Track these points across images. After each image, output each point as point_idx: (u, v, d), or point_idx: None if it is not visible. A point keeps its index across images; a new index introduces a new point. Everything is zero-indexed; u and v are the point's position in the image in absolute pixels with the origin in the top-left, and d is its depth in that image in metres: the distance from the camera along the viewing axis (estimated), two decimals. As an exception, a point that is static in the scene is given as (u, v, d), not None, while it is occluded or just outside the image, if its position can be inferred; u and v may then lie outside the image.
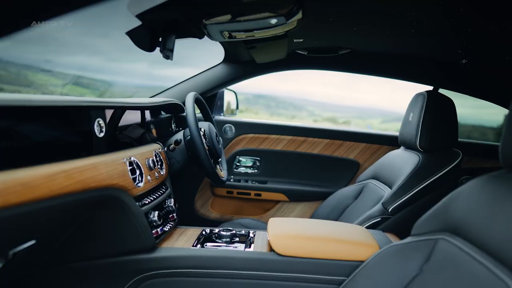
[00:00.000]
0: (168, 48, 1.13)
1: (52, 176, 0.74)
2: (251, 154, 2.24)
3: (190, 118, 1.45)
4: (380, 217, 1.43)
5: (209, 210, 2.25)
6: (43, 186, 0.71)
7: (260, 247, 1.19)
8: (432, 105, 1.54)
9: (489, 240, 0.74)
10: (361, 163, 2.16)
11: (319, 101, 14.70)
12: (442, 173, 1.43)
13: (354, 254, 1.10)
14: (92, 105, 0.96)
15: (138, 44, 1.22)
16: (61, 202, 0.77)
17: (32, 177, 0.69)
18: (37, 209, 0.71)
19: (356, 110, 13.82)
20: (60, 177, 0.76)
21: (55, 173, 0.75)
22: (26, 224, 0.75)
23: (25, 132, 0.78)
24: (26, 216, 0.70)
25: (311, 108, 13.72)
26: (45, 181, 0.72)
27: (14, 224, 0.70)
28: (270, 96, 10.25)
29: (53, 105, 0.80)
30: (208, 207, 2.25)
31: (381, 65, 1.96)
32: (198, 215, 2.24)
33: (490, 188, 0.83)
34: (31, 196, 0.68)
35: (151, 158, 1.27)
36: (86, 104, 0.93)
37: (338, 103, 14.14)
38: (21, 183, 0.67)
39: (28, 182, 0.68)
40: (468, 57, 1.70)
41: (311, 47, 1.80)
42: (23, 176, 0.68)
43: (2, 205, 0.62)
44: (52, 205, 0.75)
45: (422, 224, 0.98)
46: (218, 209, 2.26)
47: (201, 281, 1.12)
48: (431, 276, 0.86)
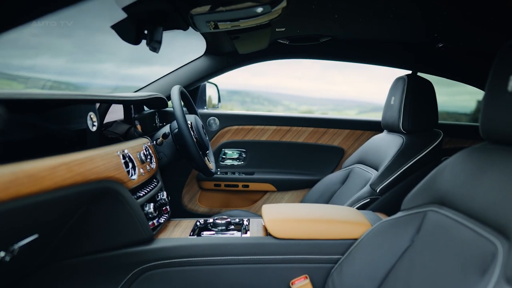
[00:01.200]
0: (155, 39, 1.15)
1: (55, 169, 0.76)
2: (237, 146, 2.28)
3: (177, 111, 1.47)
4: (369, 198, 1.51)
5: (197, 204, 2.28)
6: (47, 178, 0.73)
7: (256, 232, 1.24)
8: (413, 88, 1.62)
9: (475, 206, 0.81)
10: (345, 149, 2.24)
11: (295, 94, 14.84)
12: (425, 152, 1.52)
13: (348, 233, 1.16)
14: (82, 99, 0.98)
15: (123, 38, 1.23)
16: (64, 194, 0.79)
17: (37, 169, 0.71)
18: (42, 200, 0.73)
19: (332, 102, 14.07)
20: (62, 170, 0.79)
21: (57, 166, 0.78)
22: (31, 216, 0.77)
23: (22, 126, 0.80)
24: (32, 208, 0.72)
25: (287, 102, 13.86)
26: (48, 173, 0.74)
27: (20, 216, 0.72)
28: (245, 91, 10.27)
29: (44, 99, 0.82)
30: (196, 202, 2.28)
31: (361, 52, 2.04)
32: (186, 210, 2.26)
33: (473, 159, 0.90)
34: (37, 188, 0.70)
35: (142, 151, 1.29)
36: (75, 98, 0.95)
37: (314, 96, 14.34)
38: (28, 175, 0.69)
39: (34, 174, 0.70)
40: (443, 41, 1.80)
41: (293, 36, 1.85)
42: (29, 168, 0.70)
43: (13, 195, 0.64)
44: (55, 197, 0.77)
45: (411, 199, 1.05)
46: (206, 203, 2.29)
47: (200, 269, 1.16)
48: (422, 245, 0.93)
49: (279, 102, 13.02)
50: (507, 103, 0.79)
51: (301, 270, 1.16)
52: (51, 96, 0.81)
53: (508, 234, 0.68)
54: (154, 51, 1.29)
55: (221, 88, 2.52)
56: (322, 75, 20.04)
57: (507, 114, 0.79)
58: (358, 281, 1.04)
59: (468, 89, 3.94)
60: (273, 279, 1.16)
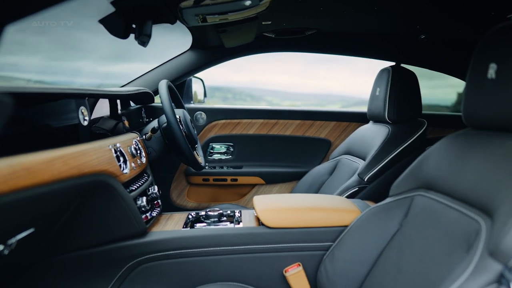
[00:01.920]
0: (144, 33, 1.16)
1: (51, 162, 0.78)
2: (224, 140, 2.30)
3: (166, 105, 1.48)
4: (357, 186, 1.56)
5: (186, 199, 2.30)
6: (44, 171, 0.75)
7: (248, 223, 1.27)
8: (397, 79, 1.68)
9: (459, 189, 0.86)
10: (332, 141, 2.29)
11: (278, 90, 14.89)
12: (411, 140, 1.58)
13: (338, 220, 1.21)
14: (73, 93, 0.99)
15: (111, 32, 1.24)
16: (60, 187, 0.81)
17: (34, 162, 0.73)
18: (39, 193, 0.74)
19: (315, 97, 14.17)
20: (58, 163, 0.80)
21: (53, 159, 0.79)
22: (29, 209, 0.78)
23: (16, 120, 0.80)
24: (30, 200, 0.73)
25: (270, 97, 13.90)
26: (45, 166, 0.76)
27: (18, 209, 0.73)
28: (226, 88, 10.20)
29: (35, 92, 0.82)
30: (185, 197, 2.30)
31: (346, 44, 2.08)
32: (174, 205, 2.28)
33: (457, 145, 0.95)
34: (35, 181, 0.72)
35: (132, 146, 1.30)
36: (67, 92, 0.96)
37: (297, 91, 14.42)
38: (25, 168, 0.70)
39: (31, 167, 0.71)
40: (425, 33, 1.86)
41: (279, 29, 1.88)
42: (26, 161, 0.71)
43: (12, 188, 0.65)
44: (52, 190, 0.78)
45: (399, 185, 1.09)
46: (194, 198, 2.31)
47: (195, 261, 1.19)
48: (410, 228, 0.98)
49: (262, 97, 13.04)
50: (487, 90, 0.84)
51: (294, 258, 1.20)
52: (48, 90, 0.82)
53: (490, 212, 0.72)
54: (143, 45, 1.30)
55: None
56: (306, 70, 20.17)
57: (488, 100, 0.84)
58: (350, 266, 1.08)
59: (449, 82, 4.05)
60: (267, 267, 1.20)
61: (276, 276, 1.20)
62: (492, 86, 0.82)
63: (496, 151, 0.80)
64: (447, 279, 0.69)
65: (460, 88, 4.34)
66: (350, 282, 1.06)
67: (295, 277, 1.18)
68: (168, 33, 1.89)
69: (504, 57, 0.80)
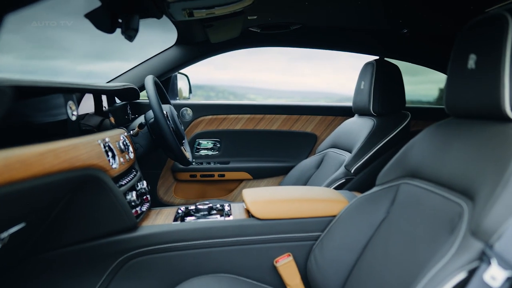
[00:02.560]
0: (131, 27, 1.17)
1: (43, 155, 0.79)
2: (211, 136, 2.32)
3: (153, 100, 1.49)
4: (344, 178, 1.60)
5: (173, 196, 2.30)
6: (37, 164, 0.76)
7: (238, 215, 1.29)
8: (381, 72, 1.73)
9: (443, 175, 0.90)
10: (318, 135, 2.33)
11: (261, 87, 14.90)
12: (395, 132, 1.64)
13: (327, 210, 1.24)
14: (62, 87, 1.00)
15: (97, 27, 1.24)
16: (52, 180, 0.81)
17: (27, 155, 0.73)
18: (33, 186, 0.75)
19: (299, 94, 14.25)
20: (50, 156, 0.81)
21: (45, 152, 0.80)
22: (21, 203, 0.78)
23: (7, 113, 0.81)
24: (23, 193, 0.74)
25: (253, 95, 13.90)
26: (37, 159, 0.76)
27: (11, 203, 0.74)
28: (209, 86, 10.13)
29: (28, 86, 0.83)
30: (172, 194, 2.30)
31: (331, 39, 2.13)
32: (161, 202, 2.28)
33: (440, 133, 1.00)
34: (29, 173, 0.72)
35: (120, 141, 1.31)
36: (54, 86, 0.96)
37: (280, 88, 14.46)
38: (19, 160, 0.71)
39: (24, 159, 0.72)
40: (407, 27, 1.92)
41: (264, 24, 1.91)
42: (20, 154, 0.72)
43: (7, 180, 0.66)
44: (45, 183, 0.79)
45: (385, 174, 1.14)
46: (181, 195, 2.32)
47: (186, 254, 1.21)
48: (397, 215, 1.02)
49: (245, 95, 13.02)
50: (468, 79, 0.88)
51: (284, 249, 1.23)
52: (38, 84, 0.83)
53: (472, 196, 0.77)
54: (130, 40, 1.30)
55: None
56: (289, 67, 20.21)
57: (468, 90, 0.88)
58: (339, 254, 1.12)
59: (431, 77, 4.15)
60: (258, 258, 1.23)
61: (267, 266, 1.23)
62: (472, 76, 0.87)
63: (476, 138, 0.85)
64: (433, 259, 0.73)
65: (441, 83, 4.46)
66: (340, 269, 1.10)
67: (286, 267, 1.21)
68: (148, 30, 1.89)
69: (483, 48, 0.84)
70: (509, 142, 0.75)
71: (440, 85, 4.49)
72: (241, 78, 14.36)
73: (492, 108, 0.81)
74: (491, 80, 0.80)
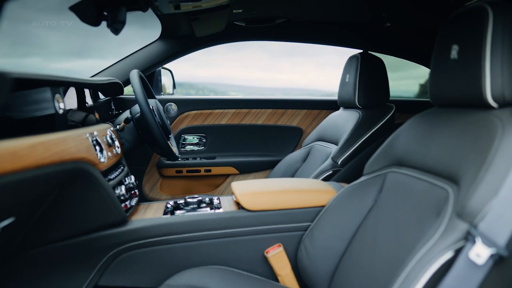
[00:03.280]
0: (118, 20, 1.17)
1: (33, 147, 0.79)
2: (196, 131, 2.32)
3: (139, 94, 1.49)
4: (332, 170, 1.64)
5: (159, 192, 2.30)
6: (27, 156, 0.76)
7: (228, 208, 1.31)
8: (366, 65, 1.77)
9: (428, 162, 0.94)
10: (304, 129, 2.37)
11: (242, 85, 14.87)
12: (381, 124, 1.68)
13: (316, 201, 1.27)
14: (50, 80, 0.99)
15: (82, 20, 1.23)
16: (43, 172, 0.82)
17: (18, 147, 0.74)
18: (23, 178, 0.75)
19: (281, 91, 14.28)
20: (40, 148, 0.81)
21: (35, 144, 0.80)
22: (12, 196, 0.78)
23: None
24: (14, 186, 0.74)
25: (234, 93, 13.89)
26: (28, 152, 0.77)
27: (2, 195, 0.74)
28: (188, 83, 10.04)
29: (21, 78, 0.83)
30: (157, 190, 2.30)
31: (315, 33, 2.16)
32: (147, 199, 2.28)
33: (425, 122, 1.04)
34: (20, 165, 0.73)
35: (107, 135, 1.31)
36: (42, 78, 0.96)
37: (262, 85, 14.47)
38: (10, 152, 0.71)
39: (15, 151, 0.72)
40: (390, 20, 1.96)
41: (249, 18, 1.93)
42: (10, 146, 0.72)
43: None
44: (35, 176, 0.79)
45: (372, 163, 1.17)
46: (167, 191, 2.32)
47: (176, 247, 1.22)
48: (385, 203, 1.06)
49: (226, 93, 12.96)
50: (451, 69, 0.92)
51: (274, 239, 1.26)
52: (28, 76, 0.83)
53: (456, 180, 0.81)
54: (115, 34, 1.30)
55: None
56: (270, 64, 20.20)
57: (451, 79, 0.92)
58: (329, 243, 1.15)
59: (411, 73, 4.21)
60: (248, 250, 1.25)
61: (258, 257, 1.25)
62: (455, 66, 0.91)
63: (460, 126, 0.89)
64: (420, 241, 0.77)
65: (422, 79, 4.58)
66: (330, 258, 1.13)
67: (276, 257, 1.24)
68: (126, 27, 1.88)
69: (465, 38, 0.88)
70: (490, 128, 0.79)
71: (421, 81, 4.61)
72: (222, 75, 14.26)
73: (474, 96, 0.85)
74: (473, 70, 0.85)
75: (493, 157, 0.73)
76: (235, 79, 15.19)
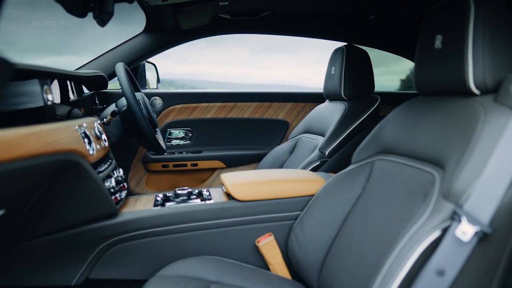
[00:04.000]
0: (106, 11, 1.17)
1: (27, 137, 0.79)
2: (182, 125, 2.33)
3: (126, 87, 1.50)
4: (319, 161, 1.68)
5: (145, 188, 2.31)
6: (22, 145, 0.77)
7: (218, 199, 1.34)
8: (351, 57, 1.81)
9: (415, 149, 0.98)
10: (290, 122, 2.41)
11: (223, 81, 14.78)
12: (366, 115, 1.73)
13: (305, 190, 1.31)
14: (40, 71, 1.00)
15: (68, 11, 1.23)
16: (37, 162, 0.83)
17: (12, 137, 0.74)
18: (18, 167, 0.76)
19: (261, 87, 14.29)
20: (33, 138, 0.82)
21: (29, 134, 0.81)
22: (4, 186, 0.79)
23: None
24: (8, 175, 0.75)
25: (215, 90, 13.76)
26: (22, 141, 0.77)
27: None
28: (168, 80, 9.92)
29: None
30: (143, 185, 2.30)
31: (300, 25, 2.19)
32: (133, 195, 2.27)
33: (411, 111, 1.08)
34: (14, 154, 0.73)
35: (95, 128, 1.31)
36: (32, 69, 0.96)
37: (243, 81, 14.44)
38: (5, 141, 0.72)
39: (10, 140, 0.73)
40: (374, 13, 2.01)
41: (235, 11, 1.94)
42: (6, 135, 0.72)
43: None
44: (30, 165, 0.80)
45: (360, 152, 1.21)
46: (153, 186, 2.33)
47: (168, 238, 1.24)
48: (373, 190, 1.10)
49: (205, 90, 12.81)
50: (435, 59, 0.96)
51: (265, 229, 1.29)
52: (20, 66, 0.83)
53: (442, 164, 0.85)
54: (102, 26, 1.30)
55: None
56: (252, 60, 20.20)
57: (436, 68, 0.97)
58: (319, 230, 1.19)
59: (393, 69, 4.28)
60: (240, 239, 1.28)
61: (249, 247, 1.28)
62: (439, 55, 0.95)
63: (444, 113, 0.94)
64: (409, 223, 0.81)
65: (402, 75, 4.69)
66: (320, 245, 1.16)
67: (267, 246, 1.27)
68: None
69: (448, 29, 0.93)
70: (473, 114, 0.84)
71: (402, 76, 4.73)
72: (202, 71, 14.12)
73: (457, 84, 0.90)
74: (456, 59, 0.89)
75: (476, 141, 0.78)
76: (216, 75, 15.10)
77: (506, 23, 0.88)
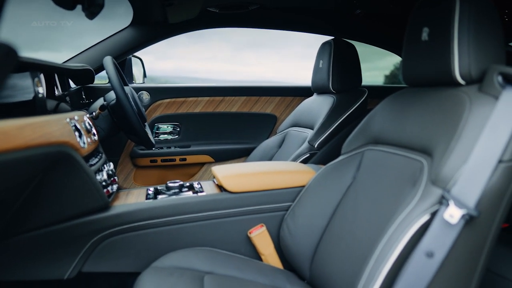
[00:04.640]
0: (95, 3, 1.17)
1: (22, 128, 0.80)
2: (170, 119, 2.34)
3: (114, 80, 1.50)
4: (309, 153, 1.72)
5: (133, 183, 2.31)
6: (18, 136, 0.77)
7: (210, 191, 1.36)
8: (339, 50, 1.85)
9: (404, 138, 1.02)
10: (278, 116, 2.44)
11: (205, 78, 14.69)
12: (355, 107, 1.78)
13: (296, 181, 1.34)
14: (31, 62, 1.00)
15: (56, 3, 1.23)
16: (31, 154, 0.83)
17: (8, 127, 0.75)
18: (12, 159, 0.77)
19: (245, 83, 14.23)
20: (28, 130, 0.82)
21: (23, 126, 0.81)
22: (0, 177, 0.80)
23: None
24: (4, 166, 0.76)
25: (198, 87, 13.63)
26: (18, 132, 0.78)
27: None
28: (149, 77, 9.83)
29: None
30: (131, 180, 2.31)
31: (288, 20, 2.22)
32: (123, 189, 2.28)
33: (399, 102, 1.12)
34: (11, 145, 0.74)
35: (85, 121, 1.32)
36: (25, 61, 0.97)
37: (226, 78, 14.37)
38: (2, 132, 0.72)
39: (6, 131, 0.74)
40: (361, 7, 2.06)
41: (222, 4, 1.96)
42: (2, 126, 0.73)
43: None
44: (25, 156, 0.81)
45: (349, 143, 1.25)
46: (141, 181, 2.33)
47: (160, 231, 1.25)
48: (363, 179, 1.14)
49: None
50: (422, 50, 1.00)
51: (257, 220, 1.32)
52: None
53: (430, 152, 0.89)
54: (91, 18, 1.30)
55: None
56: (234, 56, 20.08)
57: (423, 60, 1.01)
58: (310, 220, 1.22)
59: (377, 65, 4.35)
60: (232, 231, 1.30)
61: (242, 238, 1.31)
62: (425, 47, 0.99)
63: (431, 103, 0.98)
64: (399, 209, 0.85)
65: (387, 70, 4.78)
66: (312, 234, 1.20)
67: (259, 237, 1.30)
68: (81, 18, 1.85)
69: (435, 21, 0.97)
70: (459, 103, 0.88)
71: (386, 72, 4.82)
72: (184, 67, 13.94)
73: (444, 75, 0.94)
74: (443, 50, 0.93)
75: (462, 129, 0.82)
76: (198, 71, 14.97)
77: (490, 16, 0.92)
